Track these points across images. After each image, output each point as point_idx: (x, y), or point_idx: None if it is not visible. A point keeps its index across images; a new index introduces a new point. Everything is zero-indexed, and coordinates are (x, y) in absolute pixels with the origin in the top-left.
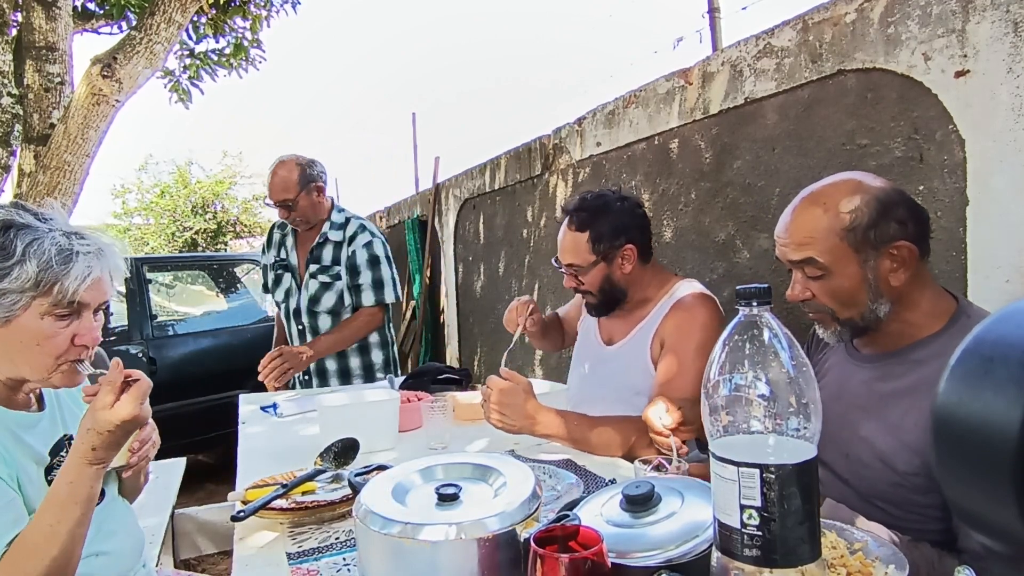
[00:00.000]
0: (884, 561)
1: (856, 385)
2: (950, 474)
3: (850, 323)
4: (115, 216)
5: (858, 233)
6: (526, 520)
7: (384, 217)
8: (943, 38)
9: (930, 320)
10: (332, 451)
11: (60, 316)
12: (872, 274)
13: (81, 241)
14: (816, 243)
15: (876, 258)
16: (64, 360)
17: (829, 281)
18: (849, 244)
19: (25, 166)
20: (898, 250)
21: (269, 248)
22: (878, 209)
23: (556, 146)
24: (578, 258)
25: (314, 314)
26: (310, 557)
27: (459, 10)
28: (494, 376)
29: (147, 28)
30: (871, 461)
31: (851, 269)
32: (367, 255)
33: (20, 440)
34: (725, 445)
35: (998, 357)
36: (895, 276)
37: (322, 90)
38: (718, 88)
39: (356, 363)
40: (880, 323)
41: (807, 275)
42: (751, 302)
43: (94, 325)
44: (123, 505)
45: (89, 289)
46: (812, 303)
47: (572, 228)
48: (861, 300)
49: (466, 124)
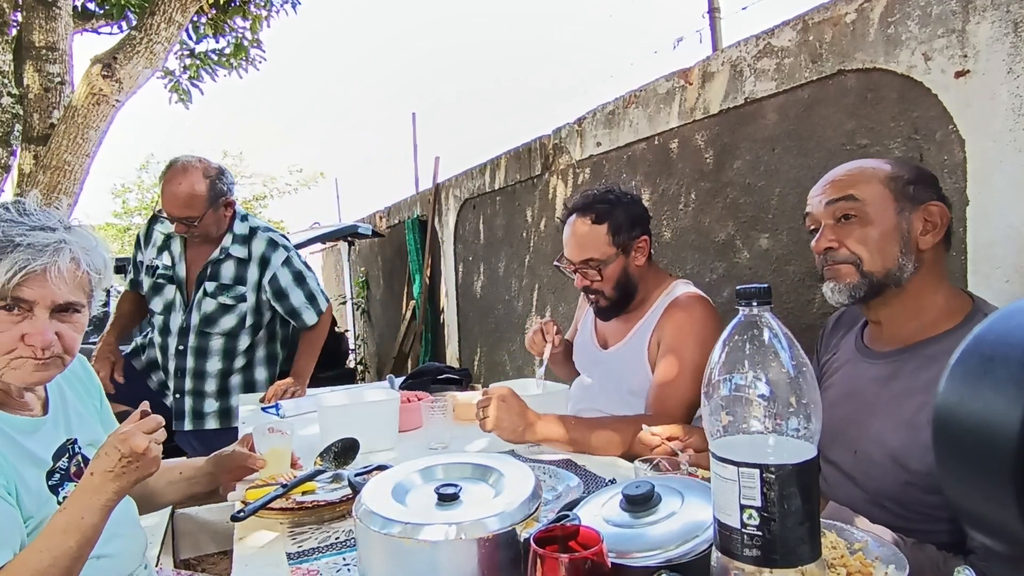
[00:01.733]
0: (884, 561)
1: (867, 383)
2: (950, 474)
3: (871, 277)
4: (115, 216)
5: (899, 183)
6: (526, 520)
7: (384, 217)
8: (943, 38)
9: (945, 316)
10: (332, 451)
11: (7, 309)
12: (906, 225)
13: (33, 233)
14: (859, 184)
15: (912, 211)
16: (15, 356)
17: (863, 226)
18: (890, 191)
19: (25, 166)
20: (931, 212)
21: (147, 246)
22: (917, 172)
23: (556, 146)
24: (597, 251)
25: (205, 335)
26: (310, 557)
27: (459, 10)
28: (496, 385)
29: (147, 28)
30: (881, 459)
31: (888, 215)
32: (290, 274)
33: (19, 445)
34: (725, 445)
35: (998, 357)
36: (924, 240)
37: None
38: (718, 88)
39: (237, 380)
40: (900, 287)
41: (843, 215)
42: (751, 302)
43: (46, 327)
44: (125, 507)
45: (30, 284)
46: (836, 253)
47: (589, 221)
48: (891, 251)
49: (466, 124)
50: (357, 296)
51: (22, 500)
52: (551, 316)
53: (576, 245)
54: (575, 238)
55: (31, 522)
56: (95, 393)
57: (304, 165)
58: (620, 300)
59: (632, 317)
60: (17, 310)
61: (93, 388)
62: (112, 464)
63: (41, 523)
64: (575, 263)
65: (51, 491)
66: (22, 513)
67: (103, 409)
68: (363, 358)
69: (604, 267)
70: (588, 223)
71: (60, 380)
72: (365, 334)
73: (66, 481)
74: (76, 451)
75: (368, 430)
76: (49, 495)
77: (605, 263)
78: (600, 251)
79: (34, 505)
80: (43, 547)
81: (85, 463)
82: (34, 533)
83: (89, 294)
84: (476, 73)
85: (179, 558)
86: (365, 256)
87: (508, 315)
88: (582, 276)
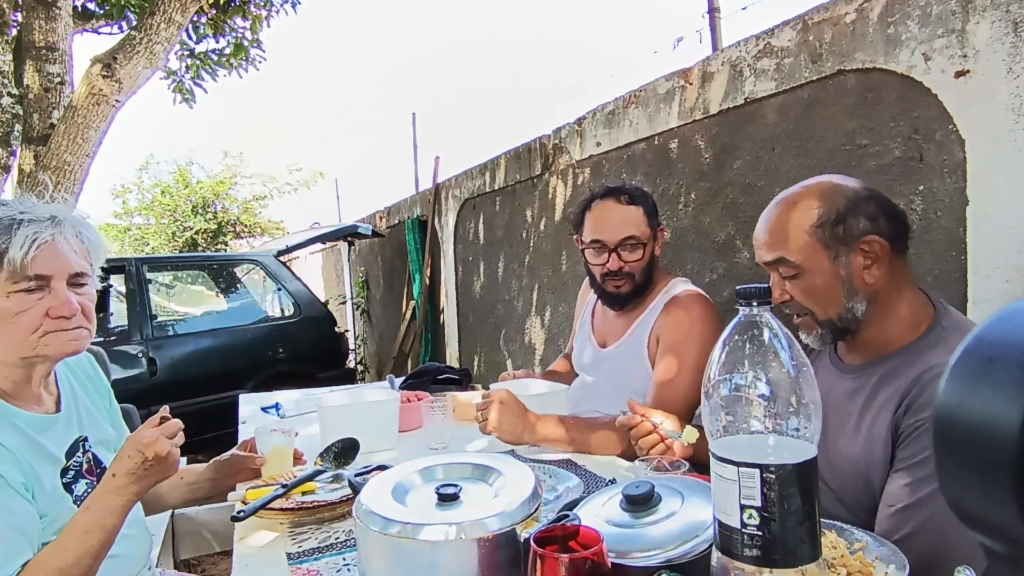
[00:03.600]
0: (884, 561)
1: (838, 396)
2: (950, 474)
3: (829, 324)
4: (115, 216)
5: (826, 229)
6: (526, 520)
7: (384, 217)
8: (943, 38)
9: (909, 329)
10: (332, 451)
11: (28, 291)
12: (845, 271)
13: (29, 211)
14: (787, 242)
15: (847, 254)
16: (44, 332)
17: (803, 280)
18: (818, 240)
19: (25, 166)
20: (869, 245)
21: None
22: (846, 206)
23: (556, 146)
24: (638, 230)
25: None
26: (310, 557)
27: (459, 10)
28: (496, 387)
29: (147, 28)
30: (849, 472)
31: (823, 266)
32: None
33: (35, 442)
34: (725, 445)
35: (998, 357)
36: (869, 273)
37: (322, 90)
38: (718, 88)
39: None
40: (860, 324)
41: (783, 276)
42: (751, 302)
43: (69, 296)
44: (134, 508)
45: (42, 256)
46: (792, 304)
47: (624, 203)
48: (836, 299)
49: (466, 124)
50: (357, 296)
51: (37, 497)
52: (551, 316)
53: (618, 222)
54: (615, 217)
55: (45, 519)
56: (104, 392)
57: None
58: (643, 285)
59: (631, 315)
60: (37, 290)
61: (102, 387)
62: (135, 467)
63: (54, 520)
64: (613, 243)
65: (65, 488)
66: (37, 510)
67: (112, 408)
68: (363, 358)
69: (641, 247)
70: (624, 203)
71: (71, 378)
72: (365, 334)
73: (79, 478)
74: (87, 449)
75: (368, 430)
76: (63, 493)
77: (643, 243)
78: (640, 230)
79: (48, 502)
80: (67, 545)
81: (95, 461)
82: (48, 530)
83: (91, 264)
84: (476, 73)
85: (179, 558)
86: (365, 256)
87: (508, 315)
88: (617, 257)
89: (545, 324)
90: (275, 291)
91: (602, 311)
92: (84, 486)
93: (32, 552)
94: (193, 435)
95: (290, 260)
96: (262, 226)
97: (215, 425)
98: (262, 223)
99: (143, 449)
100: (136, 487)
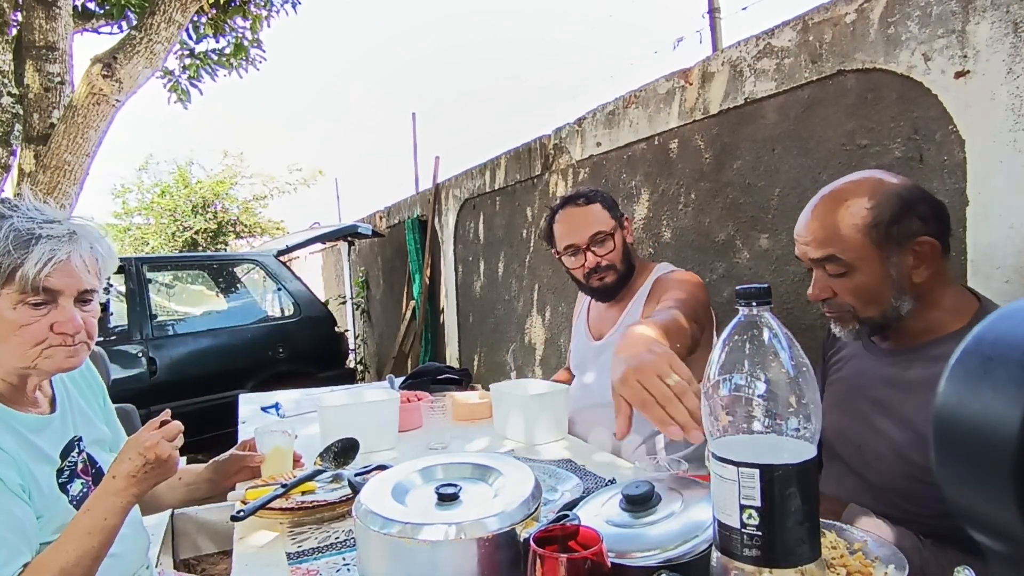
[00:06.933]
0: (884, 561)
1: (873, 380)
2: (950, 474)
3: (870, 321)
4: (115, 216)
5: (881, 229)
6: (526, 520)
7: (384, 217)
8: (943, 38)
9: (952, 317)
10: (332, 451)
11: (34, 305)
12: (895, 271)
13: (48, 225)
14: (838, 240)
15: (899, 255)
16: (47, 346)
17: (852, 279)
18: (872, 241)
19: (25, 166)
20: (921, 246)
21: None
22: (900, 205)
23: (556, 146)
24: (603, 224)
25: None
26: (310, 557)
27: (459, 10)
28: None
29: (147, 28)
30: (886, 453)
31: (874, 266)
32: None
33: (30, 443)
34: (725, 445)
35: (997, 357)
36: (918, 273)
37: (322, 90)
38: (718, 88)
39: None
40: (901, 320)
41: (829, 273)
42: (751, 302)
43: (74, 314)
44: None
45: (56, 274)
46: (833, 301)
47: (582, 204)
48: (884, 298)
49: (466, 124)
50: (357, 296)
51: (34, 498)
52: (551, 316)
53: (582, 223)
54: (577, 220)
55: (42, 520)
56: (98, 391)
57: (304, 164)
58: (626, 273)
59: (622, 304)
60: (44, 304)
61: (96, 386)
62: (135, 469)
63: (51, 520)
64: (584, 242)
65: (60, 489)
66: (34, 511)
67: (106, 407)
68: (363, 358)
69: (610, 239)
70: (583, 205)
71: (64, 378)
72: (365, 334)
73: (74, 478)
74: (82, 449)
75: (368, 430)
76: (59, 493)
77: (610, 235)
78: (605, 223)
79: (44, 503)
80: (68, 547)
81: (90, 461)
82: (44, 530)
83: (100, 279)
84: (476, 73)
85: (179, 558)
86: (365, 256)
87: (508, 315)
88: (593, 254)
89: (545, 324)
90: (275, 291)
91: (596, 308)
92: (79, 486)
93: (31, 554)
94: (193, 435)
95: (290, 260)
96: (262, 226)
97: (215, 425)
98: (262, 223)
99: (144, 452)
100: (136, 489)
